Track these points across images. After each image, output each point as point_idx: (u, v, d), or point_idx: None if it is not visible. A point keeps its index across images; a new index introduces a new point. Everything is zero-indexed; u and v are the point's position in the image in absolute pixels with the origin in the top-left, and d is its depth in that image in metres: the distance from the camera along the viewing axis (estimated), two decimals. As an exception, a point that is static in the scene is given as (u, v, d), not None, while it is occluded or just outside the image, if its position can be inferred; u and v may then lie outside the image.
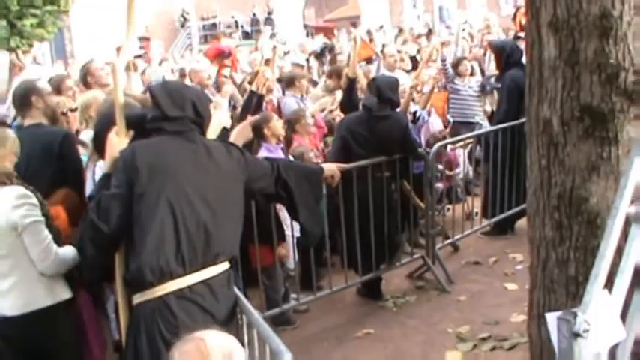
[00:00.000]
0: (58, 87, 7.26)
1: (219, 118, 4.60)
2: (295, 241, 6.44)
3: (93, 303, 4.79)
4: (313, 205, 4.53)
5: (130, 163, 3.64)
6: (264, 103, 7.64)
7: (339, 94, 9.25)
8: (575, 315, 2.61)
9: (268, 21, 34.46)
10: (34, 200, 4.12)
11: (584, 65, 3.69)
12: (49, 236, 4.11)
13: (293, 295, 6.67)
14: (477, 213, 8.70)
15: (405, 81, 9.16)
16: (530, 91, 4.00)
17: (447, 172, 8.41)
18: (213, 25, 36.55)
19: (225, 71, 11.28)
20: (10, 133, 4.41)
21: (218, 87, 9.95)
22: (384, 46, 13.07)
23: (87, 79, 7.26)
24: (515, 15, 15.57)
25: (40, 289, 4.14)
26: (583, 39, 3.68)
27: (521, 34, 12.37)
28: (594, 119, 3.71)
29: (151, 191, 3.59)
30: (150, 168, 3.62)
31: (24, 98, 5.41)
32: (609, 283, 2.86)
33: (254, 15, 36.45)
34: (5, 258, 4.07)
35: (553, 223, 3.86)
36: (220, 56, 12.06)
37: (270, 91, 8.43)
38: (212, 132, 4.27)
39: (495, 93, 10.39)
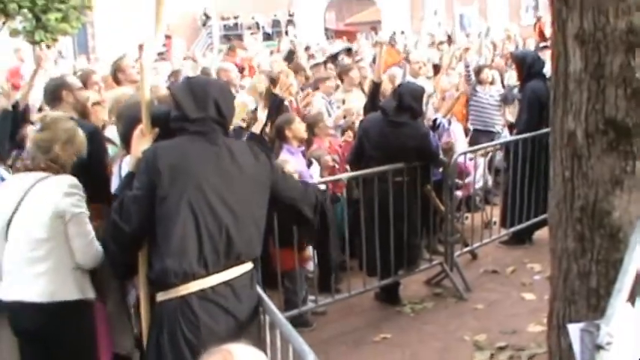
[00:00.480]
0: (84, 82, 7.33)
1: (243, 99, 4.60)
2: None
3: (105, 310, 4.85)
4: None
5: (152, 165, 3.65)
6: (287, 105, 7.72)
7: (355, 93, 9.30)
8: (598, 327, 2.63)
9: (290, 23, 34.59)
10: (83, 193, 4.21)
11: (610, 79, 3.69)
12: (92, 231, 4.18)
13: (311, 298, 6.72)
14: (495, 222, 8.72)
15: (427, 88, 9.18)
16: (555, 103, 4.00)
17: (458, 182, 8.39)
18: (235, 25, 36.71)
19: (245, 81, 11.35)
20: (80, 133, 4.52)
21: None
22: (407, 52, 13.11)
23: (117, 75, 7.26)
24: (535, 25, 15.59)
25: (71, 282, 4.20)
26: (609, 53, 3.67)
27: (543, 44, 12.40)
28: (618, 133, 3.71)
29: (172, 194, 3.60)
30: (171, 171, 3.62)
31: (55, 93, 5.52)
32: (632, 297, 2.88)
33: (275, 16, 36.61)
34: (45, 242, 4.13)
35: (575, 235, 3.87)
36: None
37: (291, 94, 8.47)
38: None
39: (516, 103, 10.40)
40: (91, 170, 5.02)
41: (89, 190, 4.39)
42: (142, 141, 3.91)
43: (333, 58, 13.30)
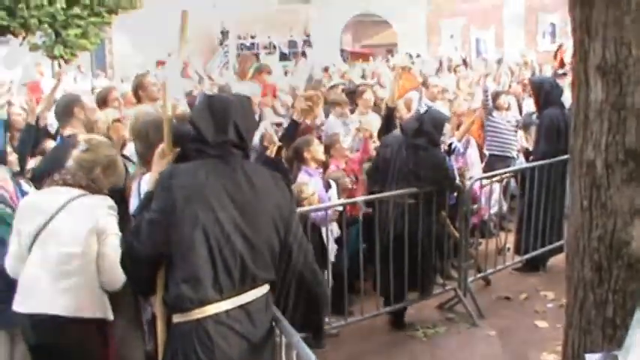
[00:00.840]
0: (104, 98, 7.40)
1: None
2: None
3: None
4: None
5: (167, 190, 3.61)
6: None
7: (371, 115, 9.31)
8: (615, 358, 2.63)
9: (307, 44, 34.77)
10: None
11: (631, 110, 3.70)
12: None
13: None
14: (509, 248, 8.71)
15: (445, 112, 9.19)
16: (575, 132, 4.01)
17: (472, 207, 8.37)
18: (252, 45, 36.93)
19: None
20: (121, 163, 4.67)
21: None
22: (424, 76, 13.13)
23: (138, 92, 7.18)
24: (556, 52, 15.63)
25: (96, 300, 4.25)
26: (630, 84, 3.69)
27: (562, 72, 12.42)
28: (638, 164, 3.72)
29: (187, 220, 3.57)
30: (186, 196, 3.58)
31: (67, 108, 5.61)
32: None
33: (291, 37, 36.83)
34: (77, 257, 4.19)
35: (592, 265, 3.87)
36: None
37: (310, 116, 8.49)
38: None
39: (532, 129, 10.41)
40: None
41: None
42: (163, 161, 3.93)
43: (352, 93, 13.40)
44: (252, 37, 37.48)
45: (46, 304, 4.15)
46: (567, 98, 8.73)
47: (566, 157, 6.74)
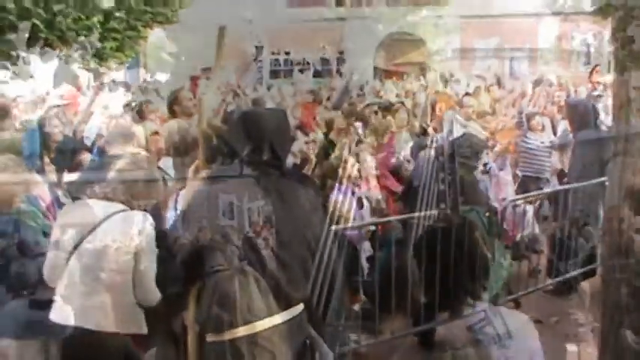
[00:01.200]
0: (141, 112, 7.46)
1: None
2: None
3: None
4: None
5: (200, 212, 3.66)
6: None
7: (403, 134, 9.30)
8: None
9: (341, 61, 34.80)
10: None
11: (671, 134, 3.69)
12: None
13: (354, 337, 6.67)
14: (540, 270, 8.62)
15: (479, 130, 9.16)
16: (615, 155, 3.99)
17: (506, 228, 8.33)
18: (285, 61, 37.06)
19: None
20: (161, 181, 4.74)
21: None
22: (457, 95, 13.09)
23: (173, 107, 7.16)
24: (591, 74, 15.49)
25: (131, 315, 4.28)
26: (671, 107, 3.67)
27: (597, 93, 12.34)
28: (678, 188, 3.69)
29: (219, 242, 3.59)
30: (218, 219, 3.61)
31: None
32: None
33: (324, 54, 36.87)
34: (114, 274, 4.23)
35: (629, 289, 3.84)
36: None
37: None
38: None
39: (567, 151, 10.34)
40: None
41: None
42: (197, 176, 3.93)
43: (386, 110, 13.39)
44: (287, 54, 37.61)
45: (81, 317, 4.18)
46: (602, 120, 8.69)
47: (600, 179, 6.69)
